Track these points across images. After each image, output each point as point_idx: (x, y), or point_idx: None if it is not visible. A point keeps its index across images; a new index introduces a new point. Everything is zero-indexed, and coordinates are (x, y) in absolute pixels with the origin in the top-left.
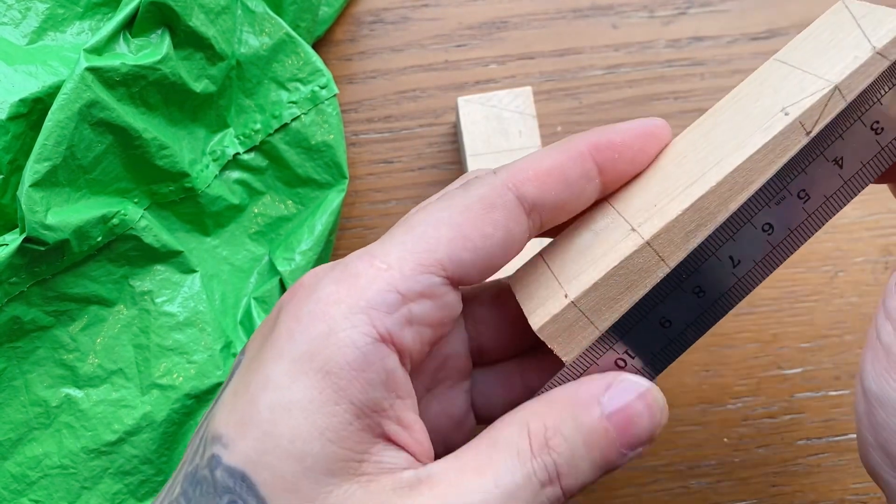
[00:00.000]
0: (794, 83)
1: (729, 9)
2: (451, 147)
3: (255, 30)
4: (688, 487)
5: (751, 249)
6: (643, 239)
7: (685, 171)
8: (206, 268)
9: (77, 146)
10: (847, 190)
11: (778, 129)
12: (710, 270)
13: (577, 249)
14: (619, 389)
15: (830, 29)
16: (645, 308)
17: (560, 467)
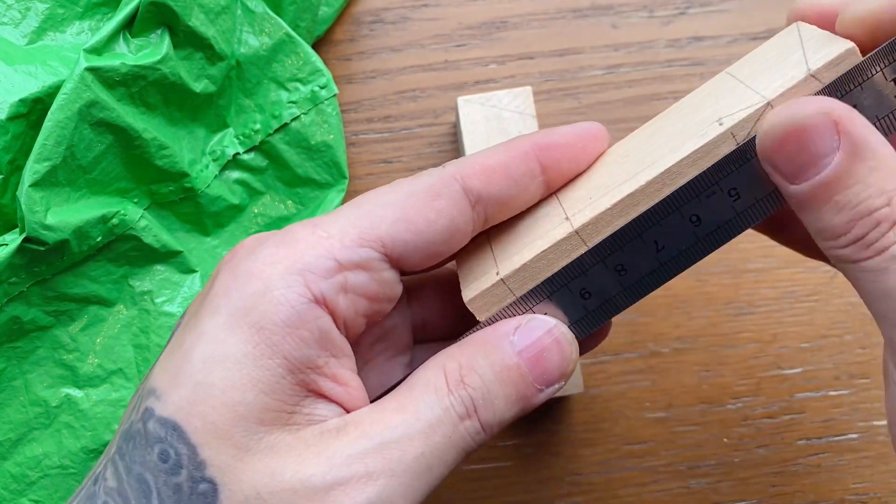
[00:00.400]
0: (735, 96)
1: (729, 9)
2: (451, 147)
3: (254, 30)
4: (688, 487)
5: (676, 237)
6: (573, 228)
7: (623, 170)
8: (206, 268)
9: (77, 146)
10: (776, 197)
11: (710, 137)
12: (633, 251)
13: (517, 231)
14: (528, 328)
15: (779, 49)
16: (566, 278)
17: (476, 401)
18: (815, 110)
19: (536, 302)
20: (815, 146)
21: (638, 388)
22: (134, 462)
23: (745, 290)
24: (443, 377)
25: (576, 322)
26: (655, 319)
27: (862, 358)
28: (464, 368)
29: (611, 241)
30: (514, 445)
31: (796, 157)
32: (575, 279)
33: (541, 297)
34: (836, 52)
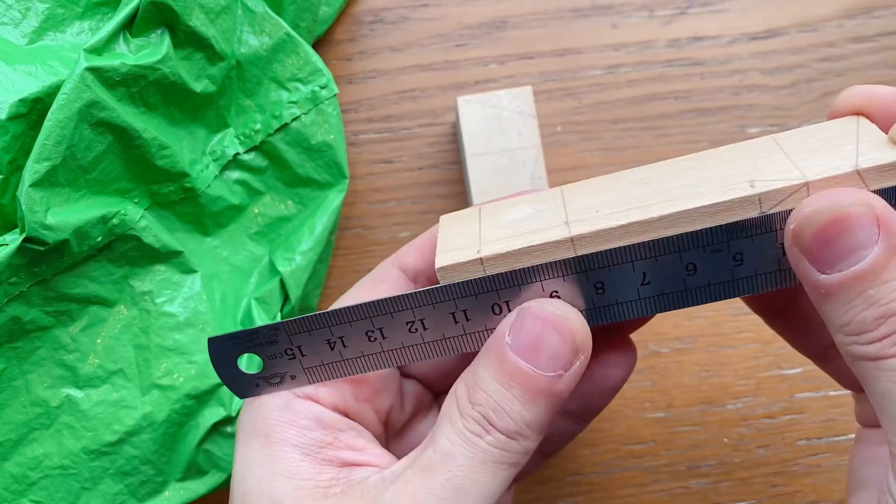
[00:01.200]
0: (774, 164)
1: (729, 8)
2: (451, 147)
3: (255, 30)
4: (688, 487)
5: (666, 278)
6: (569, 234)
7: (638, 196)
8: (207, 268)
9: (77, 146)
10: (777, 277)
11: (735, 196)
12: (618, 274)
13: (512, 218)
14: (518, 321)
15: (833, 134)
16: (543, 275)
17: (488, 416)
18: (858, 200)
19: (503, 286)
20: (854, 236)
21: (638, 388)
22: None
23: None
24: (454, 404)
25: None
26: (655, 319)
27: None
28: (470, 388)
29: (601, 257)
30: None
31: (833, 245)
32: (551, 279)
33: (509, 283)
34: (889, 159)
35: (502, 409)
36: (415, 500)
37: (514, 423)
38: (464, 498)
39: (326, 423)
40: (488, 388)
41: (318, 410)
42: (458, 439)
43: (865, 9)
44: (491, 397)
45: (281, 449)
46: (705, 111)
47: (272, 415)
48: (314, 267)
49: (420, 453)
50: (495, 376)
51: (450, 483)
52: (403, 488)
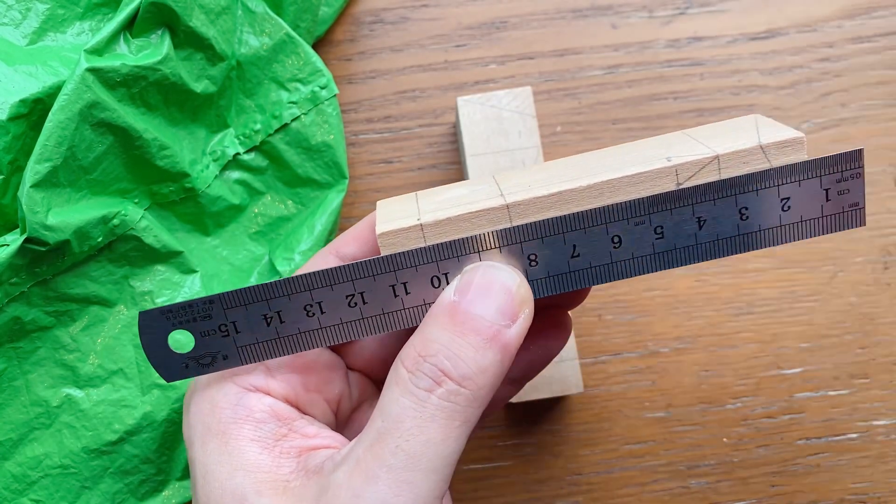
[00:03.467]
0: (688, 147)
1: (728, 9)
2: (451, 147)
3: (255, 30)
4: (688, 487)
5: (595, 251)
6: (505, 202)
7: (566, 174)
8: (207, 268)
9: (78, 147)
10: (697, 251)
11: (654, 167)
12: (551, 246)
13: (448, 196)
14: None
15: (737, 125)
16: (479, 246)
17: (440, 365)
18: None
19: (443, 257)
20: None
21: (638, 388)
22: None
23: (745, 290)
24: (401, 366)
25: None
26: (655, 319)
27: (861, 358)
28: (418, 346)
29: (533, 228)
30: (514, 445)
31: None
32: (487, 251)
33: (448, 254)
34: (787, 135)
35: (457, 355)
36: (367, 476)
37: (468, 367)
38: (417, 462)
39: (280, 414)
40: (441, 338)
41: (271, 403)
42: (407, 400)
43: (865, 9)
44: (444, 345)
45: (239, 445)
46: (705, 111)
47: (226, 412)
48: None
49: (369, 428)
50: (447, 327)
51: (400, 449)
52: (355, 467)
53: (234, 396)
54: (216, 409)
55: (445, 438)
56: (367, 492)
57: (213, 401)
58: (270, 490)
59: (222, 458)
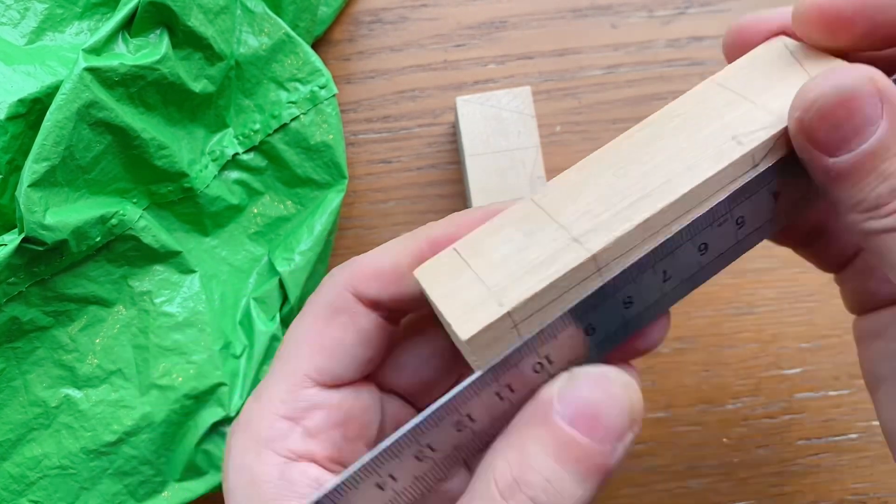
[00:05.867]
0: (742, 112)
1: (729, 8)
2: (450, 147)
3: (254, 30)
4: (688, 487)
5: (683, 266)
6: (589, 252)
7: (627, 186)
8: (206, 268)
9: (76, 146)
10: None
11: (731, 159)
12: (644, 283)
13: (506, 251)
14: (570, 388)
15: (770, 62)
16: (575, 317)
17: (537, 499)
18: (859, 77)
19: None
20: (861, 114)
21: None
22: None
23: (745, 290)
24: (493, 486)
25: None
26: None
27: None
28: (515, 467)
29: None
30: None
31: (841, 127)
32: (584, 314)
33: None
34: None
35: (554, 489)
36: None
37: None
38: None
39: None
40: (541, 466)
41: (315, 474)
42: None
43: None
44: (543, 477)
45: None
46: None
47: (268, 488)
48: (313, 267)
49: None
50: (548, 451)
51: None
52: None
53: (276, 469)
54: (257, 484)
55: None
56: None
57: (253, 474)
58: None
59: None
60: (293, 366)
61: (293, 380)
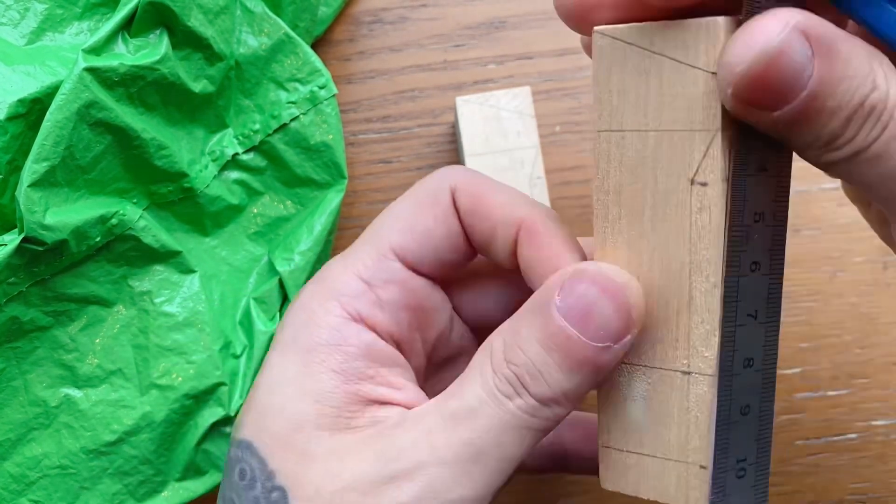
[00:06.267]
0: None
1: None
2: (450, 147)
3: (253, 30)
4: None
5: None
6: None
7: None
8: (206, 268)
9: (76, 146)
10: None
11: (717, 208)
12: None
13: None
14: (571, 284)
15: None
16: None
17: (522, 378)
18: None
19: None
20: (792, 66)
21: None
22: (224, 489)
23: None
24: (488, 359)
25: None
26: None
27: (861, 358)
28: (507, 345)
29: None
30: None
31: (776, 85)
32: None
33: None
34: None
35: (539, 373)
36: (433, 454)
37: (550, 389)
38: (484, 459)
39: (374, 355)
40: (528, 348)
41: (369, 340)
42: (487, 397)
43: None
44: (529, 359)
45: (319, 371)
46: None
47: (322, 334)
48: (313, 267)
49: (444, 402)
50: (537, 337)
51: (472, 444)
52: (423, 438)
53: (336, 319)
54: (312, 325)
55: (517, 445)
56: (431, 469)
57: (313, 314)
58: (332, 425)
59: (297, 376)
60: (383, 237)
61: (380, 249)
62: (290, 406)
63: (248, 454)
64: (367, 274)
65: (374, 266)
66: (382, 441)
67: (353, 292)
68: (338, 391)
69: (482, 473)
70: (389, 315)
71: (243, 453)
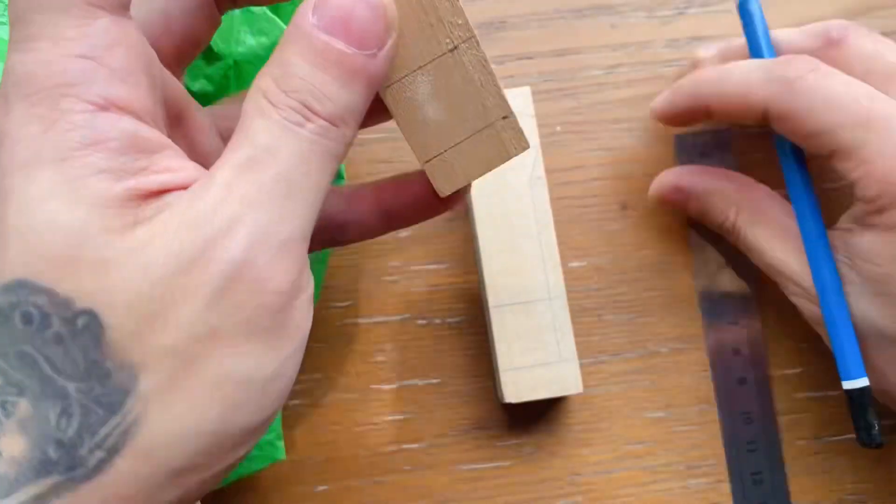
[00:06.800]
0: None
1: (728, 9)
2: None
3: (252, 30)
4: (687, 487)
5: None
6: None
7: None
8: None
9: None
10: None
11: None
12: None
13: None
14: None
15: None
16: None
17: (305, 101)
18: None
19: None
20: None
21: (637, 388)
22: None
23: None
24: (262, 98)
25: None
26: (655, 319)
27: None
28: (278, 78)
29: None
30: (515, 445)
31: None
32: None
33: None
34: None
35: (321, 92)
36: (246, 202)
37: (335, 106)
38: (296, 192)
39: (141, 144)
40: (302, 72)
41: (130, 128)
42: (279, 130)
43: (865, 9)
44: (307, 81)
45: (83, 175)
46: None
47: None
48: (313, 267)
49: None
50: (308, 59)
51: (281, 177)
52: (229, 194)
53: (81, 117)
54: (55, 131)
55: (322, 171)
56: (249, 217)
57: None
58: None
59: (57, 188)
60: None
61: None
62: (63, 220)
63: (24, 293)
64: (80, 49)
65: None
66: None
67: (81, 78)
68: (111, 192)
69: (300, 206)
70: (133, 87)
71: (18, 295)
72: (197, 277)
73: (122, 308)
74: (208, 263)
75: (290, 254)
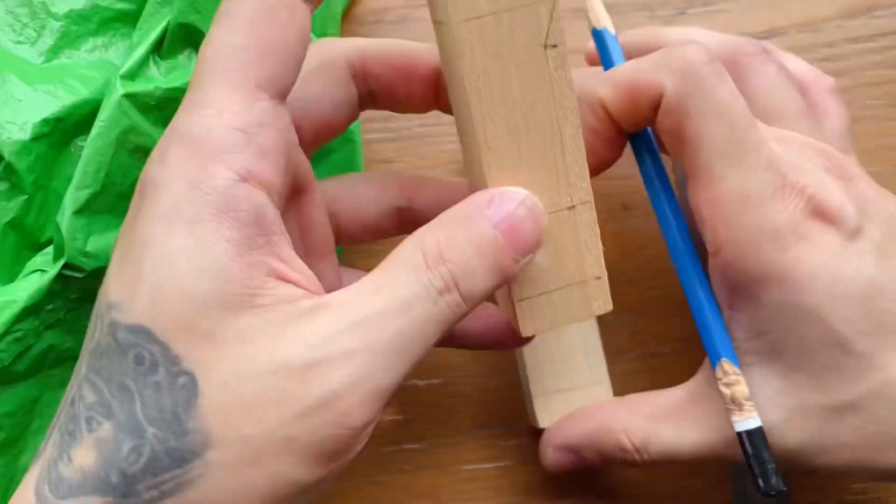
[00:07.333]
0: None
1: (729, 9)
2: (452, 146)
3: None
4: (687, 487)
5: None
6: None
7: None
8: None
9: (115, 173)
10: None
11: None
12: None
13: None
14: (502, 200)
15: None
16: None
17: (455, 276)
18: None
19: None
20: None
21: (638, 388)
22: (112, 372)
23: None
24: (420, 255)
25: None
26: (655, 319)
27: None
28: (442, 244)
29: None
30: (514, 445)
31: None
32: None
33: None
34: None
35: (471, 273)
36: (365, 343)
37: (476, 289)
38: (411, 348)
39: (264, 221)
40: (465, 250)
41: (261, 202)
42: (421, 291)
43: (865, 9)
44: (464, 260)
45: (212, 242)
46: None
47: (210, 200)
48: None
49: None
50: (473, 242)
51: (404, 333)
52: (352, 327)
53: (222, 183)
54: (197, 192)
55: (435, 336)
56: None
57: (197, 180)
58: (236, 305)
59: (188, 251)
60: (241, 73)
61: (244, 89)
62: (187, 286)
63: (144, 339)
64: (239, 122)
65: (244, 112)
66: (300, 326)
67: (233, 147)
68: (235, 264)
69: (408, 361)
70: (272, 165)
71: (139, 339)
72: (295, 390)
73: (219, 383)
74: (311, 383)
75: (378, 400)
